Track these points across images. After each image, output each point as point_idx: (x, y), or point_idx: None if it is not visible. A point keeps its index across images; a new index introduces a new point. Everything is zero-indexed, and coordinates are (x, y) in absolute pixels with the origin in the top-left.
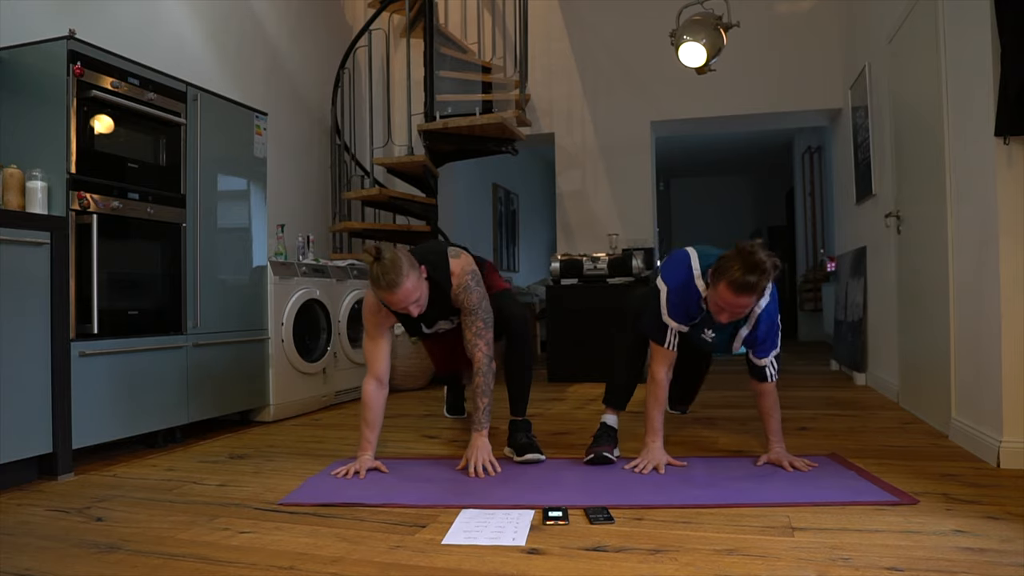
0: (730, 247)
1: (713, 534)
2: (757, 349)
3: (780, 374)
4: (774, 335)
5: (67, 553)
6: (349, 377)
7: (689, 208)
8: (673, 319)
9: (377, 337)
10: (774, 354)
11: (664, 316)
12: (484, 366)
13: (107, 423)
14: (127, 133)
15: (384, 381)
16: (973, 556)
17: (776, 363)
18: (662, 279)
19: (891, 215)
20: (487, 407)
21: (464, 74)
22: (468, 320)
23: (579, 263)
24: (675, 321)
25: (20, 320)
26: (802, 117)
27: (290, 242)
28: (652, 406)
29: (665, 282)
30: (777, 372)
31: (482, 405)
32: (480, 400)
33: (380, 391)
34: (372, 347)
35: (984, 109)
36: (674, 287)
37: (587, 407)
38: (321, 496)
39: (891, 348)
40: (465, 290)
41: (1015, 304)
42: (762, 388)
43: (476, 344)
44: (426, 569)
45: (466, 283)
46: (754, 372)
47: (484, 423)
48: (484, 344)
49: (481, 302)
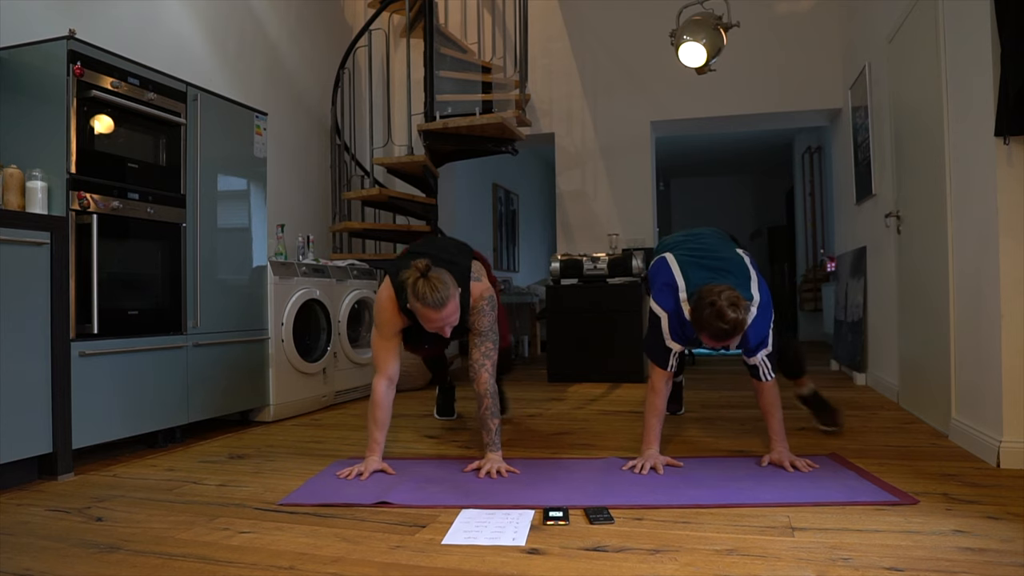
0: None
1: (713, 534)
2: (746, 351)
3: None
4: (763, 342)
5: (67, 553)
6: (349, 377)
7: (689, 208)
8: (676, 342)
9: (390, 337)
10: (764, 353)
11: (668, 341)
12: (491, 388)
13: (107, 423)
14: (127, 133)
15: (395, 381)
16: (973, 556)
17: (768, 361)
18: (657, 304)
19: (891, 215)
20: (498, 428)
21: (464, 74)
22: (477, 340)
23: (579, 263)
24: (677, 344)
25: (20, 320)
26: (802, 117)
27: (290, 242)
28: (651, 414)
29: (662, 307)
30: (772, 371)
31: (493, 427)
32: (491, 422)
33: (390, 391)
34: (384, 347)
35: (984, 109)
36: (671, 312)
37: (587, 407)
38: (321, 496)
39: (891, 348)
40: (479, 313)
41: (1015, 304)
42: (760, 386)
43: (483, 364)
44: (426, 569)
45: (481, 307)
46: (750, 370)
47: (498, 444)
48: (491, 364)
49: (493, 325)
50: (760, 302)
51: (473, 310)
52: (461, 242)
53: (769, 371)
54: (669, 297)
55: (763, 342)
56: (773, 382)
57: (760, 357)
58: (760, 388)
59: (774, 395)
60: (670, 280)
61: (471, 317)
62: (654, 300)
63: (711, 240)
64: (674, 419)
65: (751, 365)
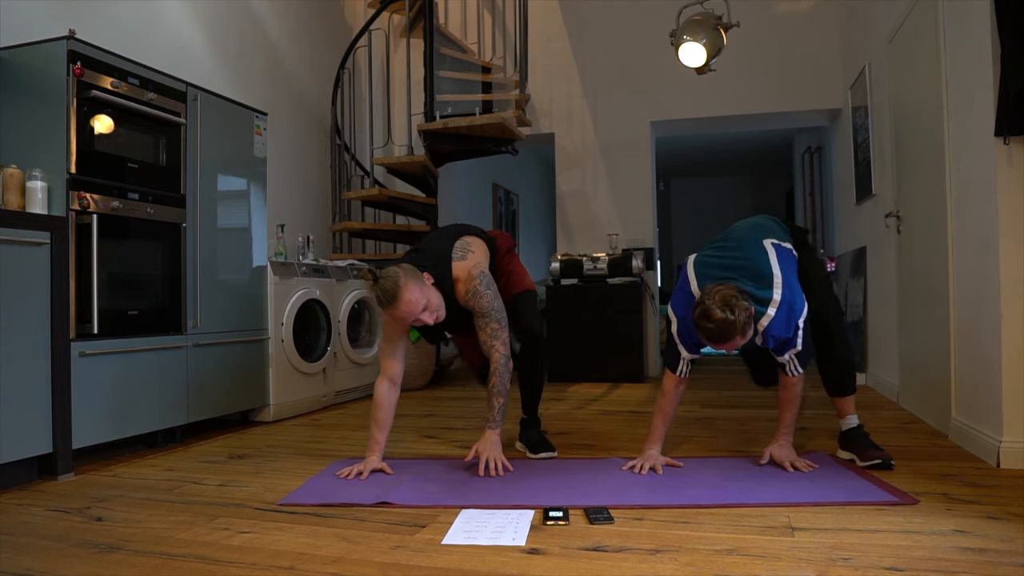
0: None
1: (713, 534)
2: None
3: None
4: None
5: (67, 553)
6: (349, 377)
7: (689, 208)
8: (686, 349)
9: (394, 339)
10: (793, 352)
11: (678, 345)
12: (501, 366)
13: (107, 423)
14: (127, 133)
15: (397, 383)
16: (973, 556)
17: (796, 359)
18: (671, 308)
19: (891, 215)
20: (502, 406)
21: (464, 74)
22: (482, 322)
23: (579, 263)
24: (687, 351)
25: (20, 320)
26: (802, 117)
27: (290, 242)
28: (656, 415)
29: (674, 312)
30: (800, 369)
31: (497, 404)
32: (496, 399)
33: (392, 392)
34: (388, 348)
35: (984, 109)
36: (681, 317)
37: (587, 407)
38: (321, 496)
39: (891, 348)
40: (475, 295)
41: (1015, 304)
42: (786, 381)
43: (493, 345)
44: (426, 569)
45: (474, 288)
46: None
47: (498, 421)
48: (501, 344)
49: (493, 303)
50: (781, 301)
51: (466, 293)
52: (458, 225)
53: (796, 367)
54: (681, 301)
55: (787, 343)
56: (800, 377)
57: (788, 356)
58: (785, 382)
59: (797, 391)
60: (684, 285)
61: (467, 301)
62: (670, 304)
63: (742, 234)
64: (675, 419)
65: (780, 363)
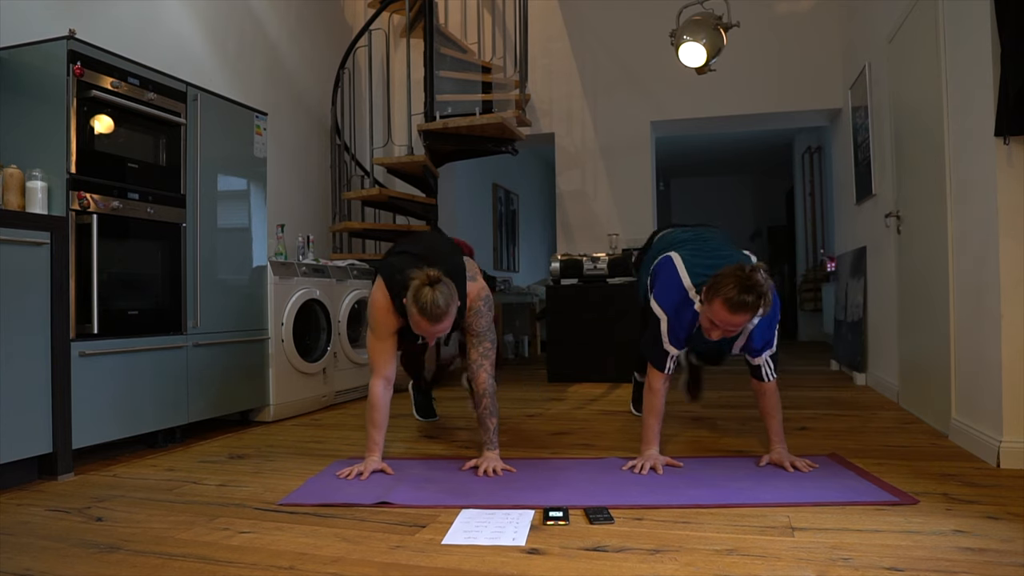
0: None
1: (713, 534)
2: (751, 352)
3: (780, 374)
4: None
5: (67, 553)
6: (349, 377)
7: (689, 208)
8: (674, 346)
9: (385, 338)
10: (768, 353)
11: (665, 344)
12: (490, 387)
13: (107, 423)
14: (127, 133)
15: (392, 382)
16: (973, 556)
17: (772, 362)
18: (657, 303)
19: (891, 215)
20: (496, 428)
21: (464, 74)
22: (475, 340)
23: (579, 263)
24: (675, 348)
25: (20, 320)
26: (802, 117)
27: (290, 242)
28: (649, 415)
29: (662, 308)
30: (775, 371)
31: (491, 426)
32: (489, 421)
33: (387, 392)
34: (380, 347)
35: (984, 109)
36: (672, 313)
37: (587, 407)
38: (321, 496)
39: (891, 348)
40: (476, 314)
41: (1015, 304)
42: (762, 388)
43: (482, 365)
44: (426, 569)
45: (478, 308)
46: (752, 370)
47: (495, 443)
48: (489, 364)
49: (490, 325)
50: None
51: (470, 311)
52: (448, 238)
53: (772, 372)
54: (670, 290)
55: (768, 343)
56: (774, 383)
57: (764, 357)
58: (761, 389)
59: (776, 397)
60: (672, 273)
61: (468, 318)
62: (655, 300)
63: (717, 242)
64: (674, 419)
65: (754, 365)
